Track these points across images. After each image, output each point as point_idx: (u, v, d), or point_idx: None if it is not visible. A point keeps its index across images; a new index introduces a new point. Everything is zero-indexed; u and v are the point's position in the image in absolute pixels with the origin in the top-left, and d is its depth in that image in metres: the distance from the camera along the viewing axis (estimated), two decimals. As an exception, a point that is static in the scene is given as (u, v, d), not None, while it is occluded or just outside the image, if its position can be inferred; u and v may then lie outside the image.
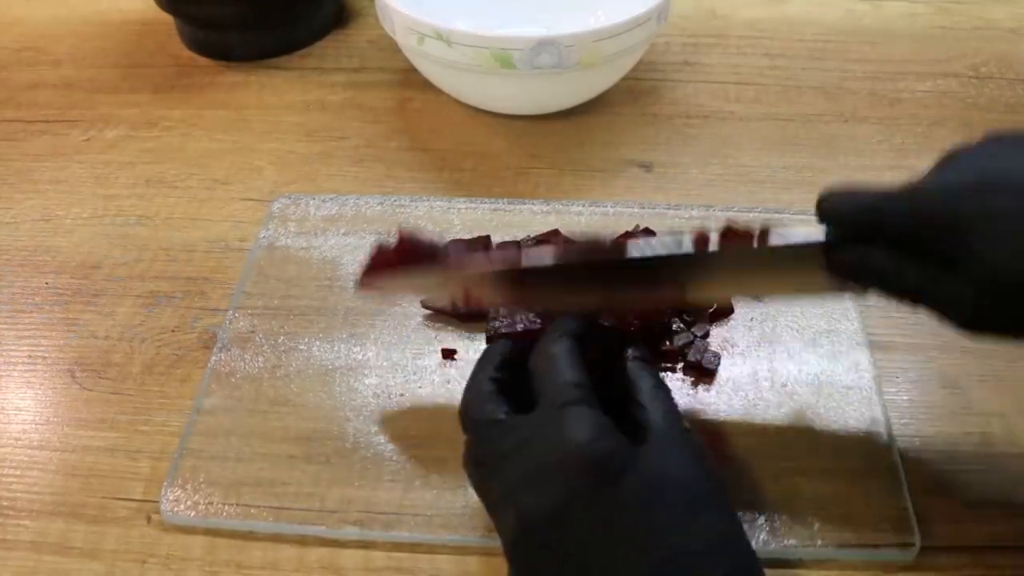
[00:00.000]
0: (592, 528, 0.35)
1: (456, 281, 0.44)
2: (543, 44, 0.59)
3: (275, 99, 0.72)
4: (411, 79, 0.74)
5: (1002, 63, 0.75)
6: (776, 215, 0.59)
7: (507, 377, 0.41)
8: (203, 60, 0.77)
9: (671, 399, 0.39)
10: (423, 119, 0.70)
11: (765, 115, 0.70)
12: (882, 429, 0.47)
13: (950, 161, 0.38)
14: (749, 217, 0.59)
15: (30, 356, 0.52)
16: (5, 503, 0.45)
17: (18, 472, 0.47)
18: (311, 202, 0.61)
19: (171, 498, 0.44)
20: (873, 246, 0.38)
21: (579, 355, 0.39)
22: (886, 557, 0.42)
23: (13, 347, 0.53)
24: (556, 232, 0.56)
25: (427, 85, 0.72)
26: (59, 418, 0.49)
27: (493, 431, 0.39)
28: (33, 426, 0.49)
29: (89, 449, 0.47)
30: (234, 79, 0.75)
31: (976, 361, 0.51)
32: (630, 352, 0.41)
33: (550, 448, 0.36)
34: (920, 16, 0.82)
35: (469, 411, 0.40)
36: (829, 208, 0.40)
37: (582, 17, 0.71)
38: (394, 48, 0.77)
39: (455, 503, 0.44)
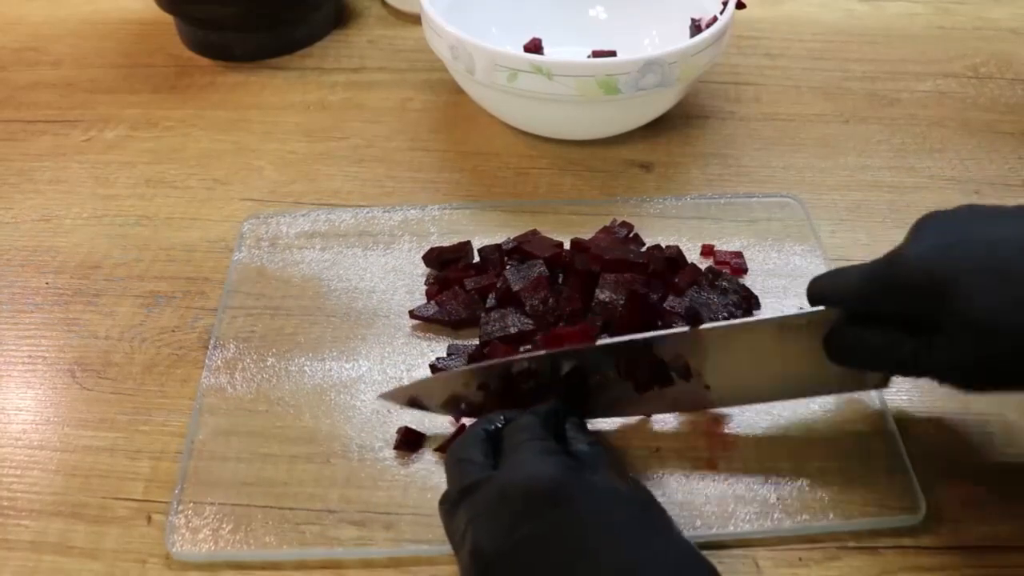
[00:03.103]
0: (545, 550, 0.35)
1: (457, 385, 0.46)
2: (649, 65, 0.58)
3: (275, 99, 0.72)
4: (411, 79, 0.74)
5: (1002, 63, 0.75)
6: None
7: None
8: (203, 60, 0.77)
9: (603, 448, 0.42)
10: (423, 119, 0.70)
11: (765, 115, 0.70)
12: (878, 405, 0.48)
13: (922, 227, 0.40)
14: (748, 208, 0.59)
15: (30, 356, 0.52)
16: (5, 503, 0.45)
17: (18, 472, 0.47)
18: (282, 219, 0.60)
19: (177, 535, 0.43)
20: (865, 326, 0.40)
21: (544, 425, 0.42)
22: (894, 522, 0.43)
23: (13, 347, 0.53)
24: (535, 232, 0.56)
25: (427, 85, 0.72)
26: (59, 418, 0.49)
27: (461, 467, 0.40)
28: (33, 426, 0.49)
29: (89, 449, 0.48)
30: (234, 79, 0.75)
31: (976, 361, 0.51)
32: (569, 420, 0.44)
33: (497, 483, 0.38)
34: (920, 16, 0.82)
35: (452, 447, 0.42)
36: (817, 293, 0.42)
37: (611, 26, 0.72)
38: (394, 48, 0.78)
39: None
